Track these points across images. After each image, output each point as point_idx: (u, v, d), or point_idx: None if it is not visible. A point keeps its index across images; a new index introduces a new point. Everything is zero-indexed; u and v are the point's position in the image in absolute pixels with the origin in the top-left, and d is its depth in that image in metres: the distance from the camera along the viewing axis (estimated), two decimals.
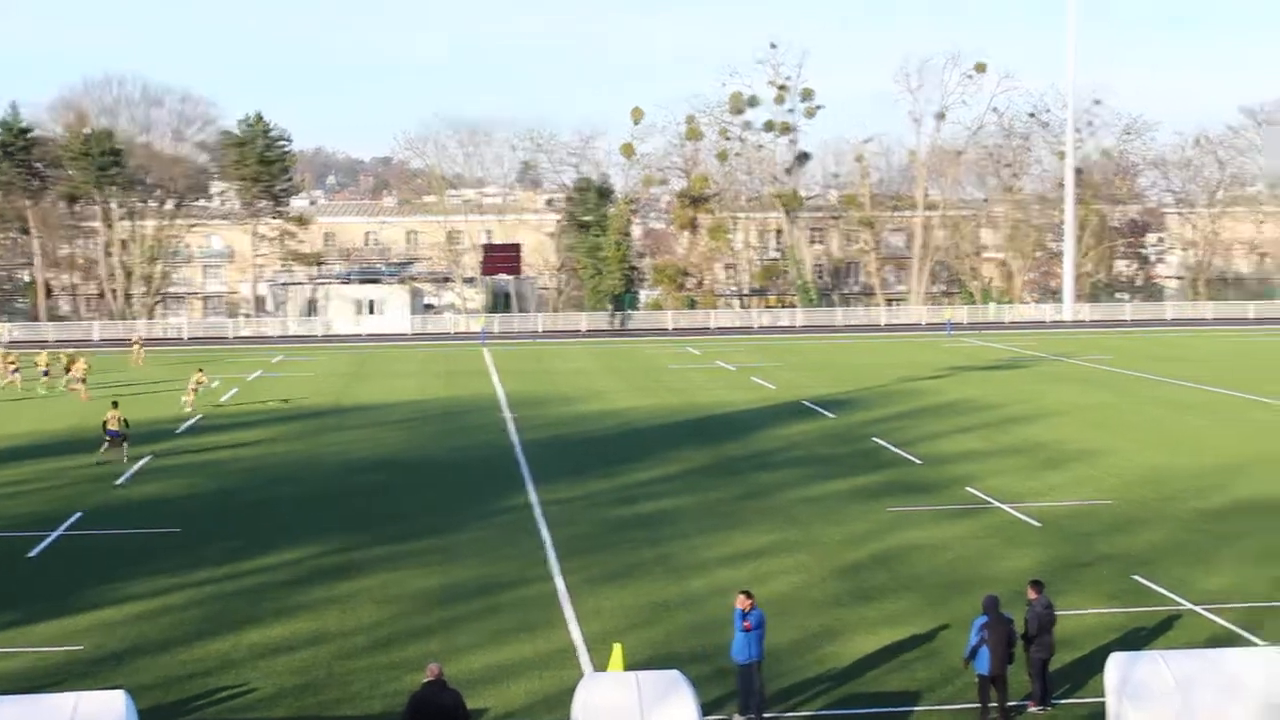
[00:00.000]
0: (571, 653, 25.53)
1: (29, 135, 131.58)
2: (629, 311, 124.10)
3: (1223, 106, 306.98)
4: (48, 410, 61.92)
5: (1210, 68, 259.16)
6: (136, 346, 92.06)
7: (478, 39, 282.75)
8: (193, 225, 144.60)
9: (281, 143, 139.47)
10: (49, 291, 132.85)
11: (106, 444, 47.04)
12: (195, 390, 61.82)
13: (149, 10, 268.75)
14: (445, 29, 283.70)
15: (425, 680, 18.95)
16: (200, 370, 65.88)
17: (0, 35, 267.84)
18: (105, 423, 47.79)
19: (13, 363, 74.17)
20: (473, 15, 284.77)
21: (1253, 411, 57.11)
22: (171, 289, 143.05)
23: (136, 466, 45.89)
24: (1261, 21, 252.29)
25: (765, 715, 21.52)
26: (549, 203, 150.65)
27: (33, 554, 33.92)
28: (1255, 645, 23.81)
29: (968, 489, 40.68)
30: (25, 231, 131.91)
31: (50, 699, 18.41)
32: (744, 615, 21.44)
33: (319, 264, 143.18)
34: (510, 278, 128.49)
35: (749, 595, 21.88)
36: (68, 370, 72.05)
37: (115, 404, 49.00)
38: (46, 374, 72.06)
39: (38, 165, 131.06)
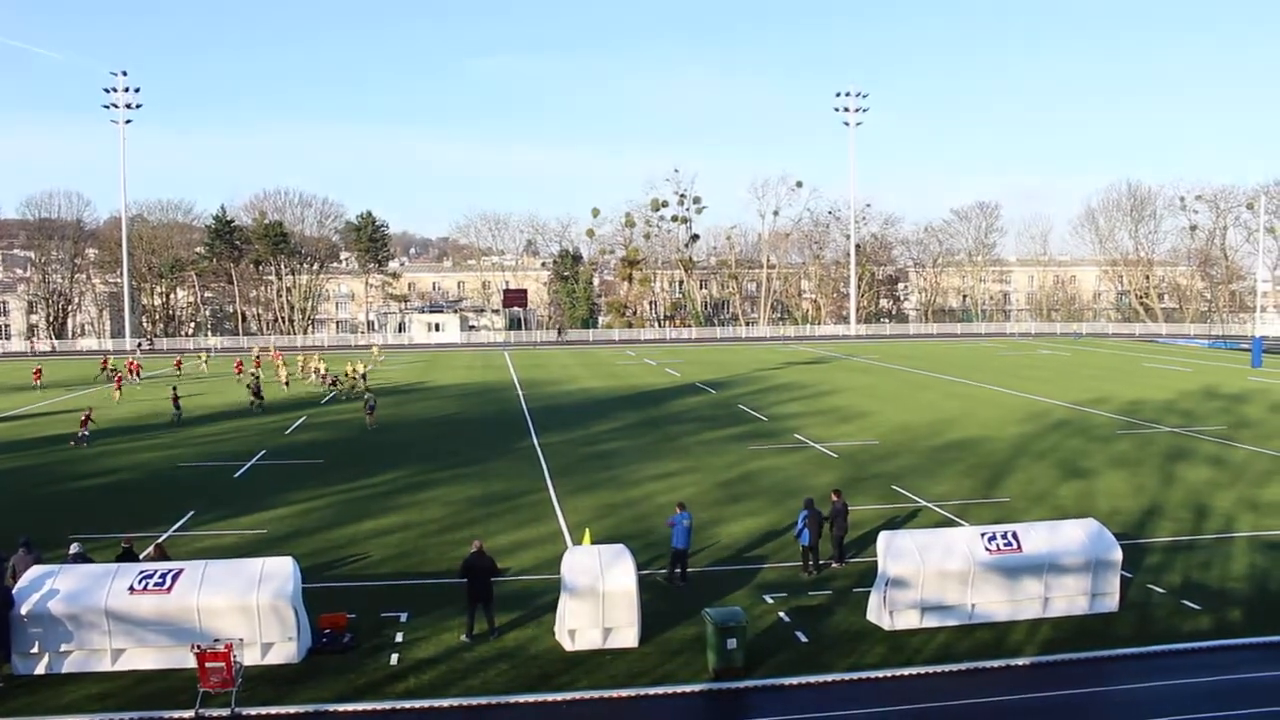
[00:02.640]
0: (560, 535, 25.56)
1: (231, 224, 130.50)
2: (567, 330, 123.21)
3: (942, 205, 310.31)
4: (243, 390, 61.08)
5: (934, 177, 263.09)
6: (376, 349, 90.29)
7: (500, 163, 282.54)
8: (329, 278, 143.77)
9: (382, 228, 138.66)
10: (244, 317, 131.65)
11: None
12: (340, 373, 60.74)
13: (300, 147, 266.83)
14: (478, 160, 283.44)
15: (471, 551, 18.98)
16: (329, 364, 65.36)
17: (215, 164, 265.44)
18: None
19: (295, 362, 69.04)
20: (494, 150, 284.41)
21: (957, 388, 57.69)
22: (317, 316, 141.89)
23: (297, 423, 45.38)
24: (969, 145, 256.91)
25: (688, 572, 21.72)
26: (543, 264, 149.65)
27: (237, 475, 33.65)
28: (961, 525, 24.14)
29: (795, 435, 40.80)
30: (230, 281, 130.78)
31: (247, 561, 18.31)
32: (675, 518, 21.61)
33: (405, 301, 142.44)
34: (520, 309, 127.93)
35: (681, 505, 22.08)
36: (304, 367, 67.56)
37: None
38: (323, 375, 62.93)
39: (237, 242, 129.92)
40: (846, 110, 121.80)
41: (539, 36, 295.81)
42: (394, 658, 17.45)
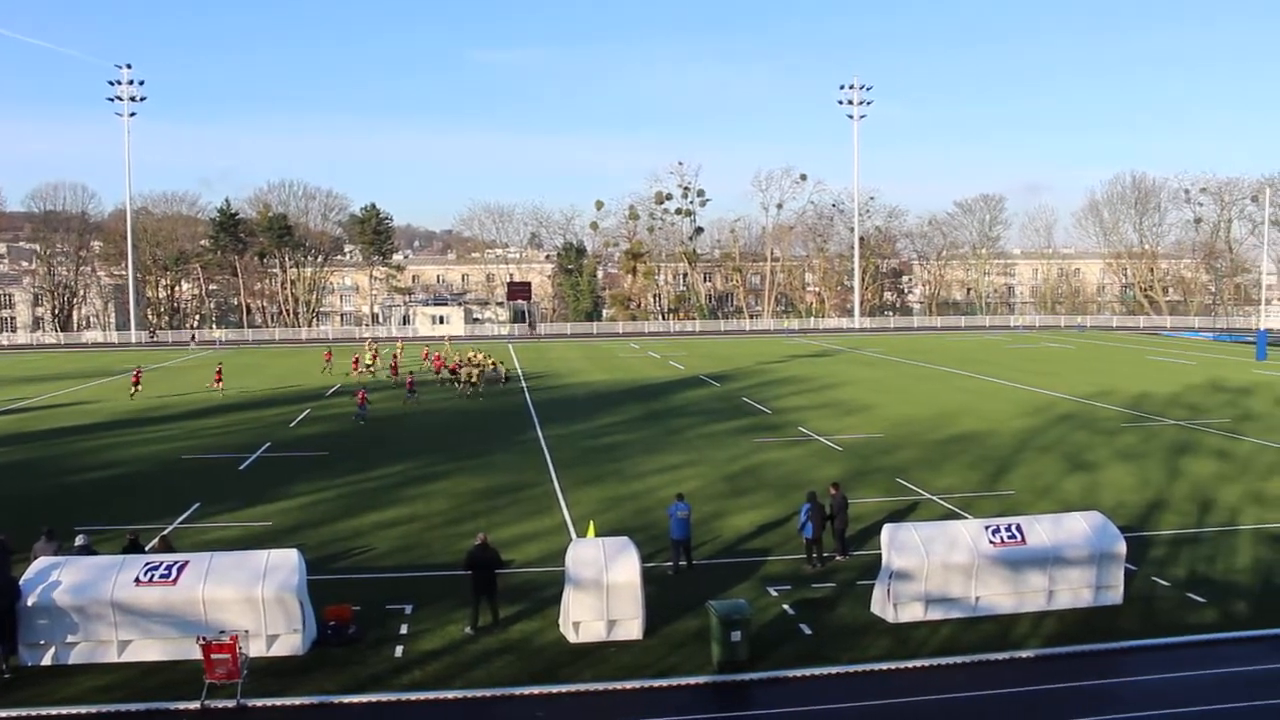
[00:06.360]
0: (564, 527, 25.56)
1: (236, 216, 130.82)
2: (538, 325, 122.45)
3: (946, 198, 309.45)
4: (263, 378, 61.13)
5: (938, 169, 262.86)
6: (447, 341, 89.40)
7: (504, 156, 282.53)
8: (333, 271, 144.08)
9: (386, 220, 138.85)
10: (248, 310, 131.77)
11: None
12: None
13: (304, 140, 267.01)
14: (482, 153, 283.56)
15: (475, 543, 18.99)
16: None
17: (219, 158, 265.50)
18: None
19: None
20: (497, 143, 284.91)
21: (962, 381, 57.58)
22: (321, 309, 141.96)
23: (301, 416, 45.34)
24: (972, 136, 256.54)
25: (694, 562, 21.88)
26: (547, 257, 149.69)
27: (242, 467, 33.71)
28: (965, 518, 24.10)
29: (799, 428, 40.78)
30: (234, 274, 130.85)
31: (253, 554, 18.31)
32: (673, 508, 21.72)
33: (409, 294, 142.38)
34: (524, 302, 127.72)
35: (680, 496, 22.25)
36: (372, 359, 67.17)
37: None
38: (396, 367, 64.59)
39: (242, 234, 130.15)
40: (850, 103, 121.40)
41: (540, 29, 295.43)
42: (399, 650, 17.47)
